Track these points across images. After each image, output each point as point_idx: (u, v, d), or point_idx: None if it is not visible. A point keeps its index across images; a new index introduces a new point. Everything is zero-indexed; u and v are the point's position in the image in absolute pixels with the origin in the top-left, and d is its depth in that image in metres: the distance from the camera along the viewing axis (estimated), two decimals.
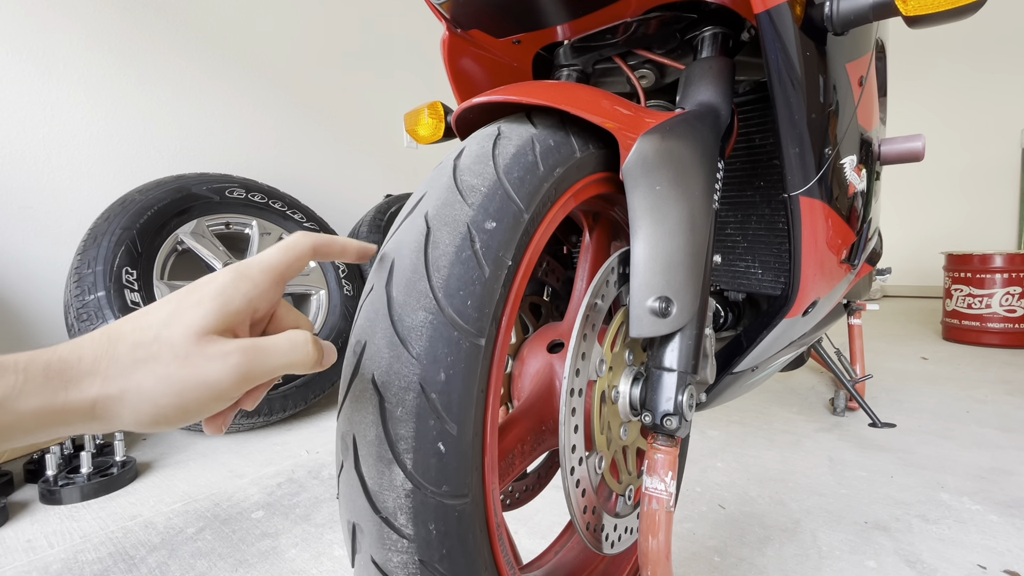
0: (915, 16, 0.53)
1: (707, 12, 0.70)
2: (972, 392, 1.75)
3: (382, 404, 0.38)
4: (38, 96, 1.67)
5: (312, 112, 2.49)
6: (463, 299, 0.39)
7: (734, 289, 0.90)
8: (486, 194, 0.43)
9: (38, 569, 0.88)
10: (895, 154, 0.90)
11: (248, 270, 0.33)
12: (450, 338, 0.38)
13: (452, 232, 0.41)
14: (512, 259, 0.43)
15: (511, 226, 0.43)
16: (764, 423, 1.48)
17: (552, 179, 0.47)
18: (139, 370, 0.27)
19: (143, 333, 0.28)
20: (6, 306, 1.61)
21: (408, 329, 0.38)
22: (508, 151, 0.46)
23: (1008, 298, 2.44)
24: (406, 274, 0.40)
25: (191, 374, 0.28)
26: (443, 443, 0.38)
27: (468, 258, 0.40)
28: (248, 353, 0.30)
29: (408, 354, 0.38)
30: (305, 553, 0.90)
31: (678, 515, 0.98)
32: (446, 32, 0.81)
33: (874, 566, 0.82)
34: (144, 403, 0.27)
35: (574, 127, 0.52)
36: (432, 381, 0.37)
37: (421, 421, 0.37)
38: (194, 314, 0.30)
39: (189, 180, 1.68)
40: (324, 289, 1.89)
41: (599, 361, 0.51)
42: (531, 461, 0.56)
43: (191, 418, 0.29)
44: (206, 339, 0.29)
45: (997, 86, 4.24)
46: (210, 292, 0.31)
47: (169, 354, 0.28)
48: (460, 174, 0.44)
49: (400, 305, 0.39)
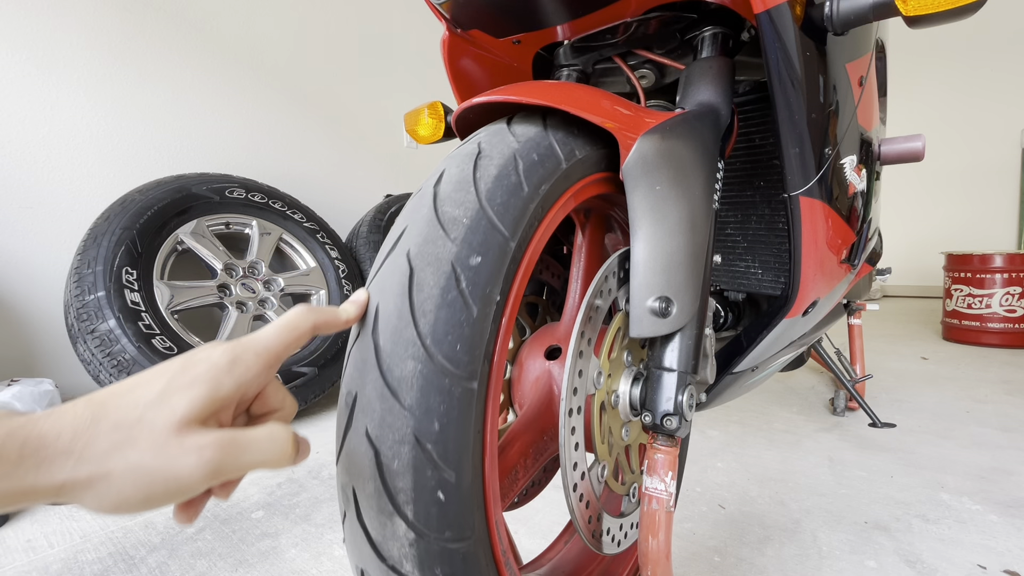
0: (915, 16, 0.53)
1: (707, 12, 0.70)
2: (972, 392, 1.75)
3: (378, 457, 0.37)
4: (38, 96, 1.67)
5: (312, 112, 2.49)
6: (452, 344, 0.38)
7: (734, 289, 0.90)
8: (469, 226, 0.41)
9: (38, 569, 0.88)
10: (895, 154, 0.90)
11: (245, 353, 0.33)
12: (441, 386, 0.37)
13: (436, 272, 0.39)
14: (500, 293, 0.41)
15: (497, 258, 0.41)
16: (764, 423, 1.48)
17: (538, 197, 0.45)
18: (113, 456, 0.27)
19: (128, 412, 0.28)
20: (6, 306, 1.61)
21: (398, 380, 0.37)
22: (490, 173, 0.44)
23: (1008, 298, 2.44)
24: (392, 321, 0.39)
25: (162, 466, 0.27)
26: (442, 491, 0.37)
27: (455, 299, 0.39)
28: (225, 449, 0.29)
29: (400, 406, 0.37)
30: (305, 553, 0.90)
31: (678, 515, 0.98)
32: (446, 32, 0.81)
33: (874, 566, 0.82)
34: (110, 492, 0.27)
35: (574, 127, 0.52)
36: (426, 432, 0.37)
37: (418, 473, 0.37)
38: (182, 399, 0.29)
39: (189, 180, 1.68)
40: (324, 289, 1.89)
41: (597, 374, 0.51)
42: (534, 474, 0.56)
43: (152, 507, 0.28)
44: (187, 429, 0.29)
45: (997, 86, 4.24)
46: (203, 374, 0.30)
47: (147, 440, 0.27)
48: (441, 204, 0.43)
49: (388, 355, 0.38)
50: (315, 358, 1.70)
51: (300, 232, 1.90)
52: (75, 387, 1.73)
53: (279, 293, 1.78)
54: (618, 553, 0.58)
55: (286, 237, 1.88)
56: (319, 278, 1.89)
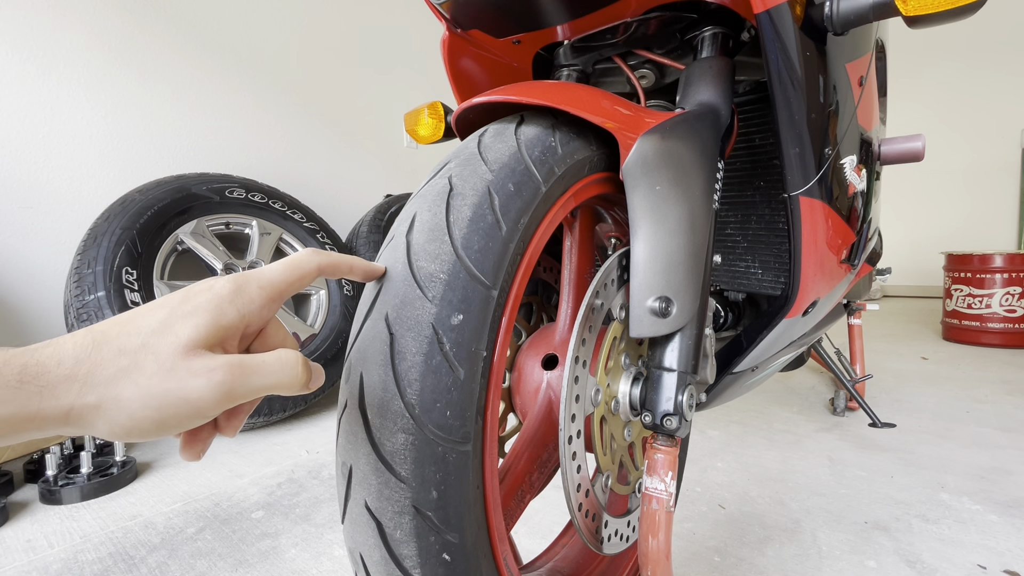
0: (915, 16, 0.53)
1: (707, 12, 0.70)
2: (972, 392, 1.75)
3: (380, 529, 0.37)
4: (38, 96, 1.67)
5: (312, 112, 2.49)
6: (441, 411, 0.37)
7: (734, 289, 0.90)
8: (447, 282, 0.39)
9: (38, 569, 0.88)
10: (895, 154, 0.90)
11: (247, 284, 0.32)
12: (435, 455, 0.37)
13: (417, 337, 0.38)
14: (487, 347, 0.40)
15: (480, 311, 0.40)
16: (764, 423, 1.48)
17: (519, 233, 0.43)
18: (121, 380, 0.26)
19: (130, 339, 0.27)
20: (6, 306, 1.61)
21: (391, 453, 0.37)
22: (464, 215, 0.42)
23: (1008, 298, 2.44)
24: (377, 393, 0.38)
25: (172, 388, 0.27)
26: (447, 553, 0.38)
27: (439, 364, 0.38)
28: (234, 371, 0.29)
29: (395, 479, 0.37)
30: (305, 553, 0.90)
31: (678, 515, 0.98)
32: (446, 32, 0.81)
33: (874, 566, 0.82)
34: (121, 414, 0.26)
35: (573, 128, 0.52)
36: (425, 501, 0.37)
37: (422, 539, 0.37)
38: (185, 325, 0.29)
39: (189, 180, 1.68)
40: (324, 289, 1.89)
41: (595, 391, 0.50)
42: (540, 490, 0.56)
43: (166, 432, 0.28)
44: (193, 353, 0.28)
45: (997, 86, 4.24)
46: (205, 303, 0.30)
47: (153, 365, 0.27)
48: (416, 259, 0.40)
49: (378, 428, 0.38)
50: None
51: (300, 232, 1.90)
52: None
53: None
54: (618, 554, 0.58)
55: (286, 237, 1.88)
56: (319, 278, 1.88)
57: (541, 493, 1.05)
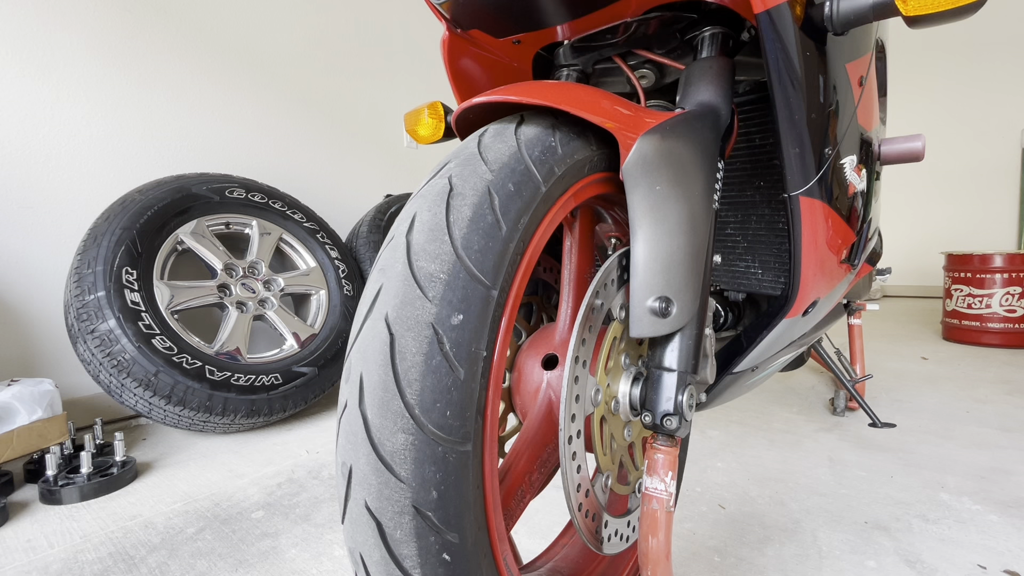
0: (915, 16, 0.53)
1: (707, 12, 0.70)
2: (972, 392, 1.75)
3: (380, 529, 0.38)
4: (38, 96, 1.67)
5: (312, 112, 2.49)
6: (441, 411, 0.38)
7: (734, 289, 0.90)
8: (447, 281, 0.39)
9: (38, 569, 0.88)
10: (895, 154, 0.90)
11: None
12: (435, 455, 0.37)
13: (417, 337, 0.38)
14: (487, 347, 0.40)
15: (480, 311, 0.40)
16: (764, 423, 1.48)
17: (519, 233, 0.43)
18: None
19: None
20: (6, 306, 1.61)
21: (391, 453, 0.37)
22: (464, 215, 0.42)
23: (1008, 298, 2.44)
24: (378, 393, 0.38)
25: None
26: (447, 553, 0.38)
27: (439, 364, 0.38)
28: None
29: (395, 479, 0.37)
30: (305, 553, 0.90)
31: (678, 515, 0.98)
32: (446, 32, 0.81)
33: (874, 566, 0.82)
34: None
35: (573, 128, 0.52)
36: (425, 501, 0.37)
37: (422, 539, 0.37)
38: None
39: (189, 180, 1.68)
40: (324, 289, 1.89)
41: (595, 391, 0.50)
42: (540, 490, 0.56)
43: None
44: None
45: (997, 86, 4.24)
46: None
47: None
48: (415, 259, 0.41)
49: (378, 428, 0.38)
50: (315, 358, 1.70)
51: (300, 232, 1.90)
52: (75, 387, 1.73)
53: (279, 293, 1.78)
54: (618, 553, 0.58)
55: (286, 237, 1.88)
56: (319, 278, 1.89)
57: (541, 493, 1.05)
